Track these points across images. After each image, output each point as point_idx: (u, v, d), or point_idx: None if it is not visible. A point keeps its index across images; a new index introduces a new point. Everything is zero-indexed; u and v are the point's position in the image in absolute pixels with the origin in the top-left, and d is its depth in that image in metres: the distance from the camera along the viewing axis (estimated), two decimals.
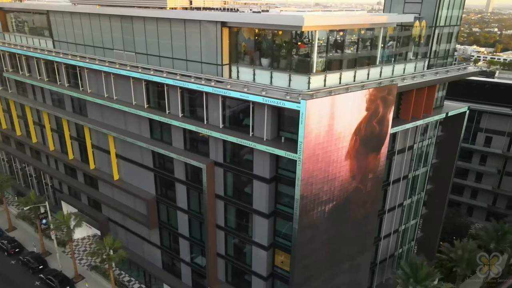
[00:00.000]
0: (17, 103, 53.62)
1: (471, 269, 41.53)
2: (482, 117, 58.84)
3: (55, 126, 48.85)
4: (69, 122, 45.77)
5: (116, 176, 42.39)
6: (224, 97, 29.84)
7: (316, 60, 26.16)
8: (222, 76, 29.74)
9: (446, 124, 39.23)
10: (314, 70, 26.26)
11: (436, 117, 36.33)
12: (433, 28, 33.05)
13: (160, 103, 35.06)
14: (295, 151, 26.24)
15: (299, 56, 27.13)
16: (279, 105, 25.81)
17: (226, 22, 28.40)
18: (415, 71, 33.46)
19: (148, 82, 34.96)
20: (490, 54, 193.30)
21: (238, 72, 29.77)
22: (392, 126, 31.09)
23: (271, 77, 27.95)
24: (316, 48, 25.68)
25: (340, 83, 28.07)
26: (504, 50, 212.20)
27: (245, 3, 36.46)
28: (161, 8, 33.15)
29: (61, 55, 41.09)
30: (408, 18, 30.62)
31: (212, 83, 29.19)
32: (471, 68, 37.83)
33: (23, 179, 61.71)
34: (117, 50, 36.83)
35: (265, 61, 28.41)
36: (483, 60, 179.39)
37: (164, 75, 32.18)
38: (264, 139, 28.55)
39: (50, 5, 42.76)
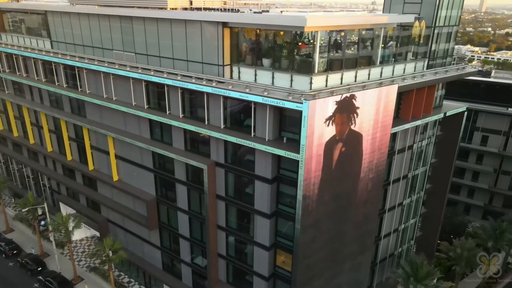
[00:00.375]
0: (14, 104, 53.23)
1: (470, 267, 41.89)
2: (478, 116, 59.30)
3: (53, 127, 48.52)
4: (67, 123, 45.48)
5: (115, 177, 42.22)
6: (226, 98, 29.82)
7: (318, 60, 26.19)
8: (223, 77, 29.71)
9: (445, 124, 39.44)
10: (316, 71, 26.30)
11: (436, 117, 36.55)
12: (432, 28, 33.24)
13: (160, 104, 34.97)
14: (297, 152, 26.29)
15: (301, 56, 27.18)
16: (281, 105, 25.85)
17: (227, 22, 28.39)
18: (415, 71, 33.64)
19: (148, 83, 34.86)
20: (484, 53, 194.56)
21: (239, 72, 29.75)
22: (393, 126, 31.23)
23: (273, 78, 27.95)
24: (318, 49, 25.71)
25: (341, 83, 28.15)
26: (498, 49, 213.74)
27: (245, 4, 36.45)
28: (162, 8, 33.03)
29: (60, 56, 40.84)
30: (408, 18, 30.77)
31: (214, 84, 29.15)
32: (470, 68, 38.11)
33: (20, 180, 61.28)
34: (117, 50, 36.66)
35: (266, 62, 28.40)
36: (477, 59, 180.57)
37: (165, 75, 32.10)
38: (266, 140, 28.56)
39: (48, 5, 42.46)
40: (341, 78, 28.16)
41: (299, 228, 28.23)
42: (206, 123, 31.82)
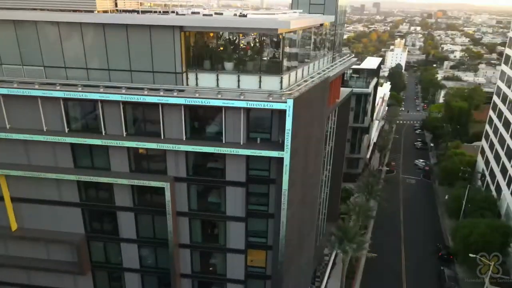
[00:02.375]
0: None
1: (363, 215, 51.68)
2: None
3: None
4: None
5: (14, 226, 33.06)
6: (186, 107, 27.83)
7: (285, 60, 27.59)
8: (182, 85, 27.57)
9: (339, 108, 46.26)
10: (284, 70, 27.64)
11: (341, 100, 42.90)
12: (335, 26, 38.76)
13: (89, 124, 29.49)
14: (282, 149, 27.29)
15: (269, 57, 27.96)
16: (266, 107, 26.26)
17: (184, 26, 26.34)
18: (328, 64, 38.63)
19: (66, 100, 28.69)
20: None
21: (196, 79, 27.97)
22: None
23: (239, 81, 27.73)
24: (286, 49, 27.09)
25: (296, 80, 30.26)
26: None
27: (180, 5, 32.71)
28: (89, 11, 27.48)
29: None
30: (333, 18, 35.18)
31: (175, 93, 26.87)
32: (354, 59, 46.01)
33: None
34: (8, 65, 28.51)
35: (229, 65, 27.85)
36: None
37: (101, 90, 27.32)
38: (241, 143, 28.30)
39: None
40: (296, 75, 30.31)
41: (285, 222, 29.45)
42: (161, 137, 28.86)
